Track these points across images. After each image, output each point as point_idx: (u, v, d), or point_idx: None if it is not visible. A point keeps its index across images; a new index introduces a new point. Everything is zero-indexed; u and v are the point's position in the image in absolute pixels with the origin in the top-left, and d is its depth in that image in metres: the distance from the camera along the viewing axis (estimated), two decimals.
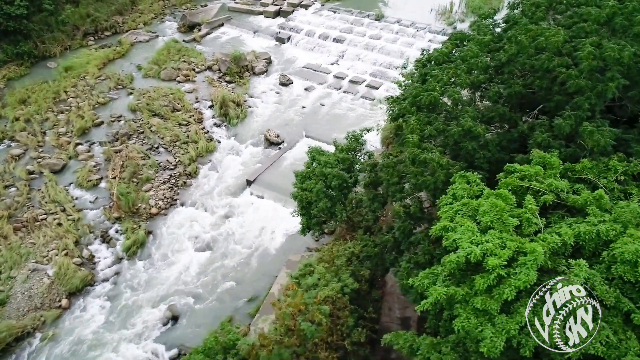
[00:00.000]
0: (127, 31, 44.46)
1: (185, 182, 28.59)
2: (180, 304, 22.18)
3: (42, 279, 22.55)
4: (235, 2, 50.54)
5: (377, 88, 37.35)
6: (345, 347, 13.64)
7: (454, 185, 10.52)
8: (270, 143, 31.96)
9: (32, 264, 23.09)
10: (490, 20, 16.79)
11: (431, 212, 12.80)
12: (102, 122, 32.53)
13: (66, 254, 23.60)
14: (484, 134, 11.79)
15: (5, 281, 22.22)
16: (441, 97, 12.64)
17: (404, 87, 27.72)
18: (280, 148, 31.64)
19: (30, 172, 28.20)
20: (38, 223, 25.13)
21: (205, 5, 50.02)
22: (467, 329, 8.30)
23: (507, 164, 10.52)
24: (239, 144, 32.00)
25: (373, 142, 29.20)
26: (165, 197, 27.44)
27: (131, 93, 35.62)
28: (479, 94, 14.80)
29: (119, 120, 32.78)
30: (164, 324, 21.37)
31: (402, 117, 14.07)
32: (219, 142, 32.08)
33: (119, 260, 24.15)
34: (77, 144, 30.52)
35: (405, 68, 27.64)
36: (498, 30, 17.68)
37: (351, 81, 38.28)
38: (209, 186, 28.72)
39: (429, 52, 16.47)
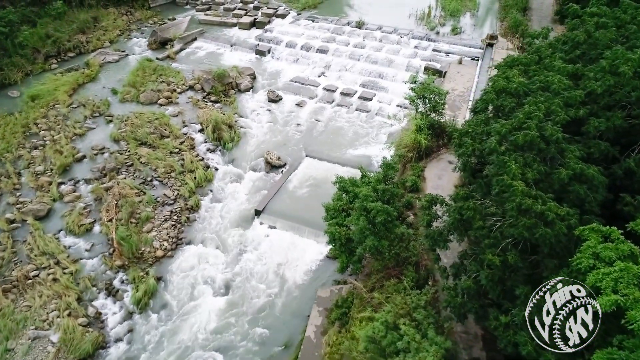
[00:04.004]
0: (92, 51, 41.10)
1: (188, 218, 26.27)
2: None
3: (46, 347, 19.86)
4: (205, 15, 48.01)
5: (370, 99, 36.25)
6: None
7: (589, 242, 9.46)
8: (272, 166, 30.13)
9: (31, 331, 20.31)
10: (541, 40, 15.91)
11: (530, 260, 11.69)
12: (84, 156, 29.55)
13: (69, 315, 20.99)
14: (597, 177, 10.83)
15: (3, 355, 19.36)
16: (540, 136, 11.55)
17: (415, 103, 26.89)
18: (282, 171, 29.89)
19: (11, 221, 25.00)
20: (30, 281, 22.22)
21: (174, 19, 47.17)
22: None
23: None
24: (239, 170, 29.98)
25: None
26: (169, 236, 25.07)
27: (111, 121, 32.70)
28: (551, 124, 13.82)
29: (103, 153, 29.91)
30: None
31: (484, 155, 12.88)
32: (216, 169, 29.90)
33: (130, 315, 21.70)
34: (60, 184, 27.49)
35: (414, 82, 26.74)
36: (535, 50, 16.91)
37: (342, 93, 36.95)
38: (215, 220, 26.56)
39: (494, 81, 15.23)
